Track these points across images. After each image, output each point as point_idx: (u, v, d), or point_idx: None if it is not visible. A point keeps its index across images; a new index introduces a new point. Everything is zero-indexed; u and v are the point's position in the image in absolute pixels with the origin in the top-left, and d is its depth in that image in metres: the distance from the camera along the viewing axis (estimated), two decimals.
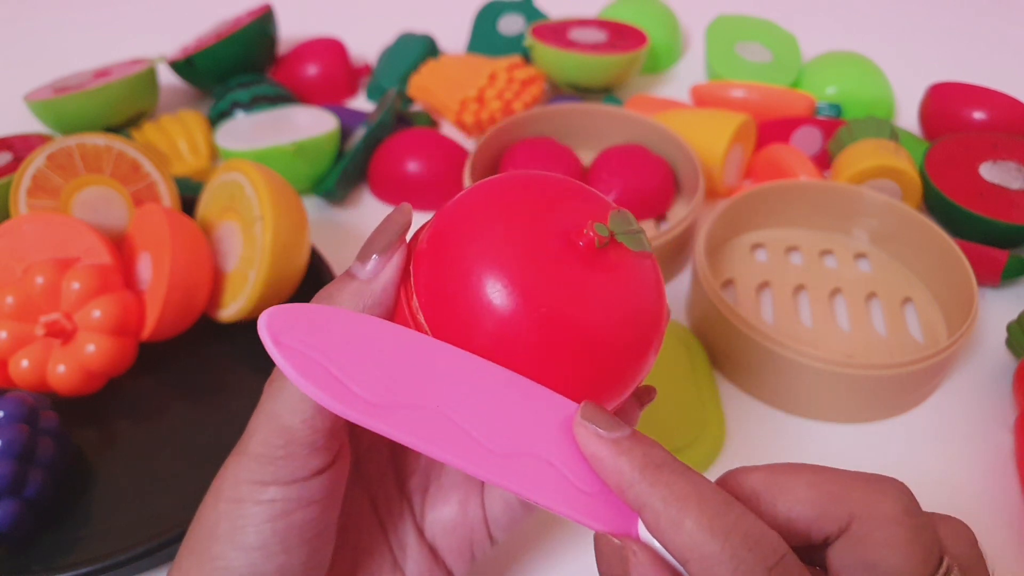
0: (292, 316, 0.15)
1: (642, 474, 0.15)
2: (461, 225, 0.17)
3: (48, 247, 0.31)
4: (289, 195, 0.33)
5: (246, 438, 0.18)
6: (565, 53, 0.46)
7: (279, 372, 0.18)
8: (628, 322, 0.17)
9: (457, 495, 0.22)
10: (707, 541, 0.14)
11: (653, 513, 0.14)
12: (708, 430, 0.30)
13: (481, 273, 0.16)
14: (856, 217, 0.38)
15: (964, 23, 0.61)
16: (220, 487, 0.18)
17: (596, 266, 0.17)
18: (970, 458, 0.30)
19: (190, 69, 0.49)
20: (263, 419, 0.17)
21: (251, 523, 0.17)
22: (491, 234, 0.16)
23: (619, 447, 0.15)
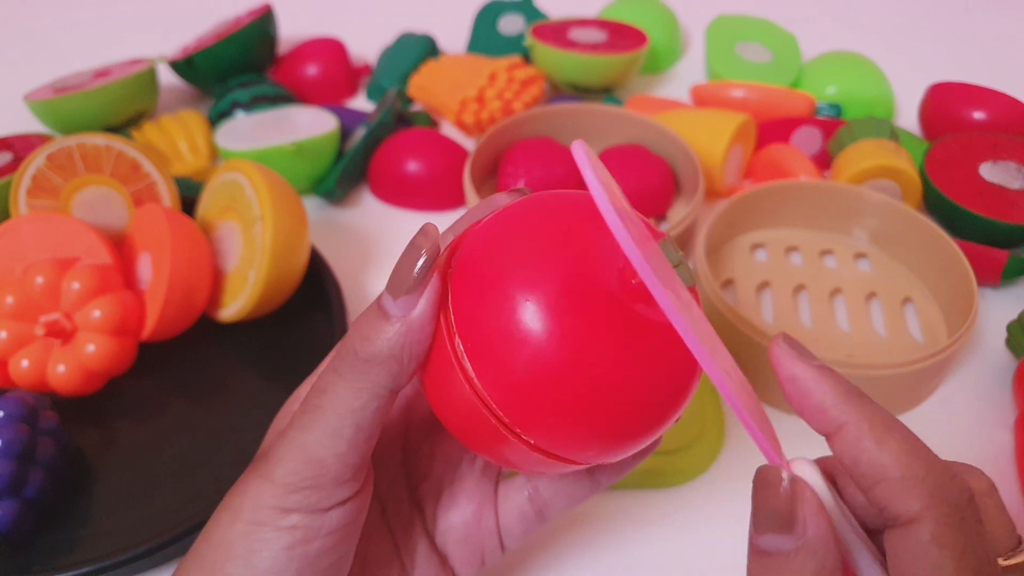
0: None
1: (847, 396, 0.15)
2: (503, 256, 0.16)
3: (48, 247, 0.31)
4: (289, 195, 0.33)
5: (271, 463, 0.17)
6: (565, 53, 0.46)
7: (321, 402, 0.17)
8: (669, 377, 0.16)
9: (471, 503, 0.21)
10: (913, 461, 0.14)
11: (856, 430, 0.15)
12: (708, 431, 0.30)
13: (528, 319, 0.15)
14: (856, 217, 0.38)
15: (964, 23, 0.61)
16: (239, 507, 0.17)
17: (646, 310, 0.16)
18: (970, 458, 0.30)
19: (190, 69, 0.49)
20: (292, 449, 0.17)
21: (268, 548, 0.17)
22: (537, 272, 0.15)
23: (822, 372, 0.15)
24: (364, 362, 0.16)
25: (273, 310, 0.33)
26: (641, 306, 0.16)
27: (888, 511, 0.14)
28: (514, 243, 0.16)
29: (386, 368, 0.16)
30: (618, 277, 0.16)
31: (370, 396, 0.16)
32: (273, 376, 0.33)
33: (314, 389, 0.17)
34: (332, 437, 0.16)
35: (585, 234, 0.16)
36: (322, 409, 0.17)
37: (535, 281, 0.15)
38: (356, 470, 0.17)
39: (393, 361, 0.16)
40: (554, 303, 0.15)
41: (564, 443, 0.16)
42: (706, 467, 0.29)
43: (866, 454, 0.15)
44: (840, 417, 0.15)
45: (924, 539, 0.14)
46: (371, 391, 0.16)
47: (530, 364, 0.15)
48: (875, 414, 0.15)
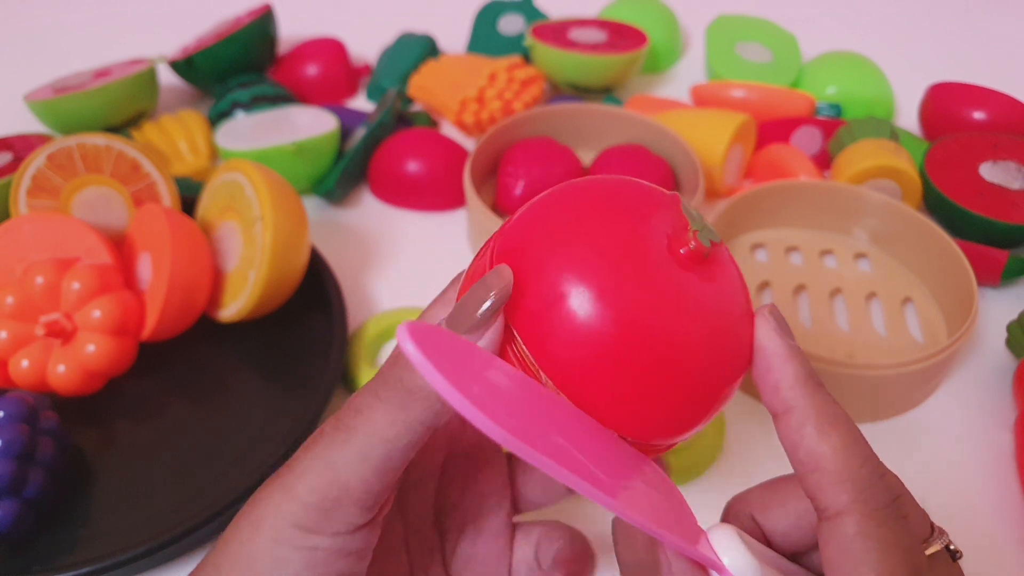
0: (428, 332, 0.14)
1: (805, 382, 0.15)
2: (548, 245, 0.16)
3: (48, 247, 0.31)
4: (289, 195, 0.33)
5: (295, 477, 0.17)
6: (565, 53, 0.46)
7: (354, 423, 0.16)
8: (728, 338, 0.16)
9: (494, 542, 0.21)
10: (849, 456, 0.15)
11: (801, 417, 0.15)
12: (708, 430, 0.30)
13: (587, 300, 0.15)
14: (856, 217, 0.38)
15: (964, 23, 0.61)
16: (260, 520, 0.17)
17: (700, 276, 0.16)
18: (970, 458, 0.30)
19: (190, 69, 0.49)
20: (320, 466, 0.16)
21: (289, 566, 0.16)
22: (588, 252, 0.15)
23: (793, 351, 0.16)
24: (408, 392, 0.16)
25: (273, 310, 0.33)
26: (695, 272, 0.16)
27: (818, 501, 0.15)
28: (551, 232, 0.16)
29: (430, 404, 0.16)
30: (668, 246, 0.16)
31: (406, 428, 0.16)
32: (273, 376, 0.33)
33: (350, 407, 0.17)
34: (360, 462, 0.16)
35: (624, 209, 0.16)
36: (355, 431, 0.16)
37: (584, 267, 0.15)
38: (378, 498, 0.17)
39: (435, 397, 0.16)
40: (608, 284, 0.15)
41: (631, 422, 0.16)
42: (706, 467, 0.29)
43: (806, 441, 0.15)
44: (790, 400, 0.15)
45: (850, 531, 0.14)
46: (408, 424, 0.16)
47: (592, 346, 0.15)
48: (824, 404, 0.15)
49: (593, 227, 0.16)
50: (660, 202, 0.17)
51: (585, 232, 0.15)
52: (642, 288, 0.15)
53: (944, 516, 0.28)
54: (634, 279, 0.15)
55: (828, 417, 0.15)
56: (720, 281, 0.16)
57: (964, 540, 0.27)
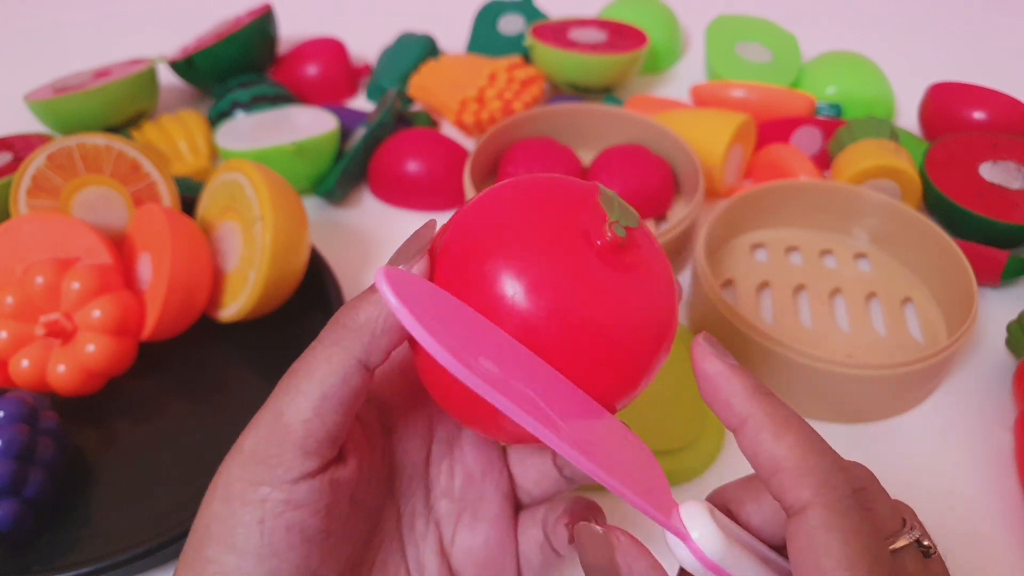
0: (403, 277, 0.16)
1: (753, 393, 0.16)
2: (478, 233, 0.17)
3: (48, 247, 0.31)
4: (289, 195, 0.33)
5: (245, 435, 0.18)
6: (565, 53, 0.46)
7: (298, 366, 0.18)
8: (646, 321, 0.17)
9: (494, 528, 0.21)
10: (806, 453, 0.15)
11: (756, 424, 0.16)
12: (708, 430, 0.30)
13: (504, 279, 0.16)
14: (856, 217, 0.38)
15: (964, 23, 0.61)
16: (215, 485, 0.18)
17: (615, 265, 0.17)
18: (970, 458, 0.30)
19: (190, 69, 0.49)
20: (264, 415, 0.17)
21: (241, 523, 0.17)
22: (510, 241, 0.17)
23: (734, 370, 0.17)
24: (341, 327, 0.17)
25: (273, 310, 0.33)
26: (610, 261, 0.17)
27: (783, 501, 0.15)
28: (486, 221, 0.17)
29: (358, 336, 0.17)
30: (583, 237, 0.17)
31: (339, 362, 0.17)
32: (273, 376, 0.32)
33: (298, 358, 0.18)
34: (299, 401, 0.17)
35: (551, 203, 0.17)
36: (296, 374, 0.17)
37: (509, 250, 0.16)
38: (320, 443, 0.17)
39: (366, 330, 0.17)
40: (528, 266, 0.16)
41: None
42: (706, 467, 0.29)
43: (764, 446, 0.16)
44: (744, 412, 0.16)
45: (814, 524, 0.15)
46: (341, 357, 0.17)
47: (511, 323, 0.16)
48: (776, 410, 0.16)
49: (520, 229, 0.17)
50: (583, 195, 0.18)
51: (512, 235, 0.17)
52: (562, 281, 0.16)
53: (943, 516, 0.28)
54: (555, 273, 0.16)
55: (781, 421, 0.16)
56: (639, 265, 0.17)
57: (963, 540, 0.27)
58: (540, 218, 0.17)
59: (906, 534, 0.16)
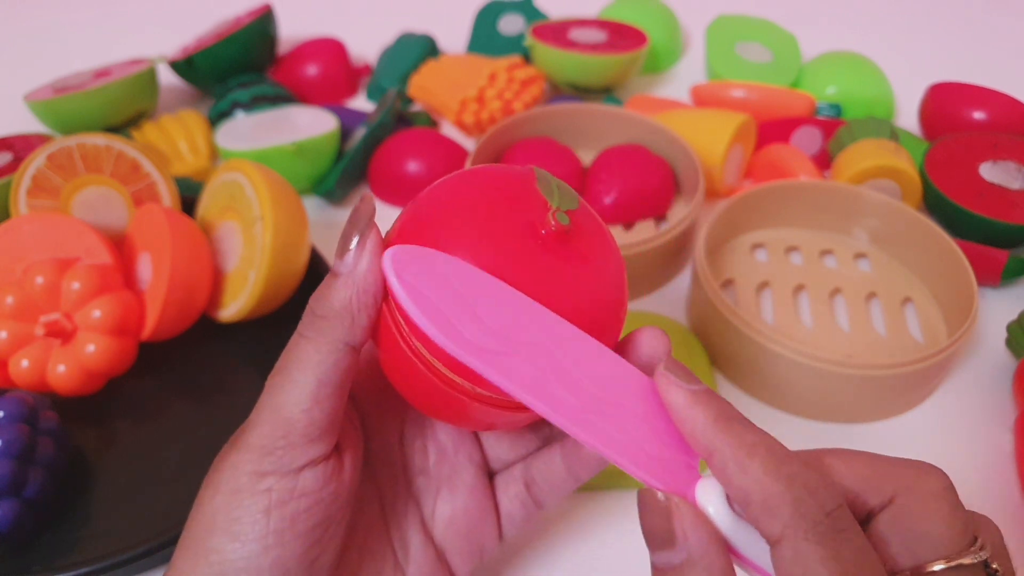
0: (410, 255, 0.17)
1: (715, 423, 0.16)
2: (431, 222, 0.18)
3: (48, 247, 0.31)
4: (289, 195, 0.33)
5: (245, 431, 0.18)
6: (565, 53, 0.46)
7: (285, 363, 0.18)
8: (597, 302, 0.18)
9: (471, 496, 0.22)
10: (772, 483, 0.15)
11: (721, 457, 0.15)
12: None
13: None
14: (856, 217, 0.38)
15: (964, 23, 0.61)
16: (218, 480, 0.18)
17: (561, 252, 0.17)
18: (970, 458, 0.30)
19: (190, 69, 0.49)
20: (266, 413, 0.18)
21: (247, 513, 0.17)
22: (460, 231, 0.17)
23: (696, 398, 0.16)
24: (320, 318, 0.18)
25: (273, 310, 0.33)
26: (553, 249, 0.17)
27: (761, 533, 0.15)
28: (441, 208, 0.18)
29: (340, 321, 0.17)
30: (528, 228, 0.17)
31: (328, 350, 0.17)
32: None
33: (282, 355, 0.18)
34: (297, 392, 0.17)
35: (501, 193, 0.18)
36: (287, 369, 0.18)
37: (459, 235, 0.17)
38: (323, 429, 0.18)
39: (345, 313, 0.17)
40: (478, 251, 0.17)
41: None
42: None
43: (732, 479, 0.15)
44: (709, 444, 0.16)
45: (787, 557, 0.14)
46: (328, 345, 0.18)
47: None
48: (740, 438, 0.16)
49: (468, 221, 0.17)
50: (523, 182, 0.18)
51: (463, 228, 0.17)
52: (511, 270, 0.17)
53: None
54: (505, 263, 0.17)
55: (745, 449, 0.15)
56: (584, 248, 0.18)
57: None
58: (485, 214, 0.17)
59: (971, 554, 0.15)
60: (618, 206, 0.39)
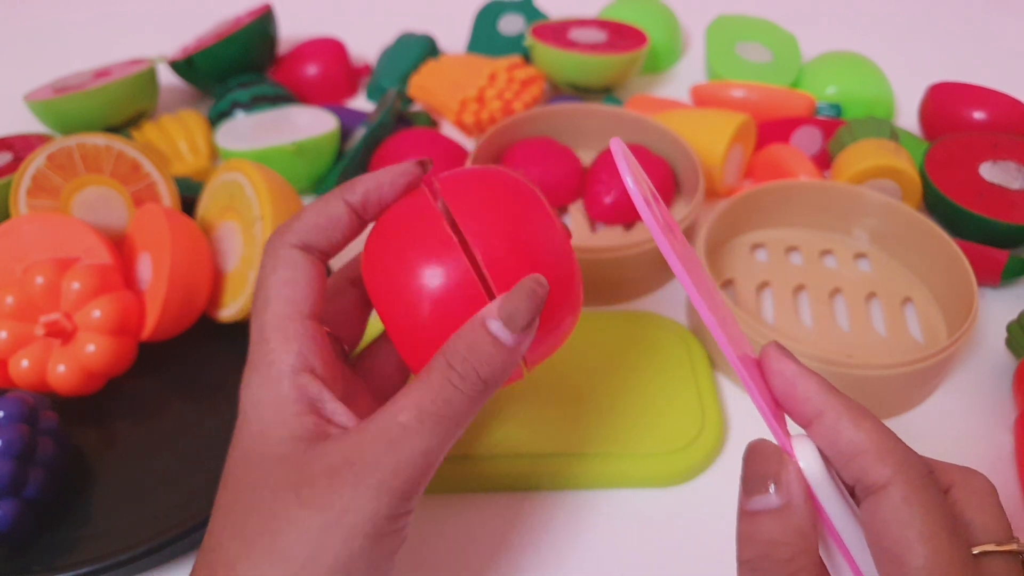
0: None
1: (827, 388, 0.18)
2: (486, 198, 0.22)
3: (48, 247, 0.31)
4: (289, 195, 0.33)
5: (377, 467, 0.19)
6: (565, 53, 0.46)
7: (431, 411, 0.19)
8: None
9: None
10: (883, 439, 0.17)
11: (835, 414, 0.17)
12: (708, 430, 0.30)
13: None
14: (856, 217, 0.38)
15: (964, 23, 0.61)
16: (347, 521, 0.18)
17: None
18: (970, 458, 0.30)
19: (190, 69, 0.49)
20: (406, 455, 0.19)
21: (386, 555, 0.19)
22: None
23: (805, 369, 0.18)
24: (484, 382, 0.19)
25: None
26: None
27: (863, 482, 0.17)
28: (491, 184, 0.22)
29: (495, 389, 0.20)
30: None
31: (472, 410, 0.19)
32: None
33: (441, 400, 0.19)
34: (446, 443, 0.19)
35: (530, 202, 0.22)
36: (440, 419, 0.19)
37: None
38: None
39: (502, 382, 0.20)
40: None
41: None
42: (706, 467, 0.29)
43: (844, 433, 0.17)
44: (821, 405, 0.18)
45: (895, 499, 0.16)
46: (477, 408, 0.20)
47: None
48: (850, 403, 0.18)
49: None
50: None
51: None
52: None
53: None
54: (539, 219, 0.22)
55: (856, 411, 0.17)
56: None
57: None
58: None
59: (1016, 543, 0.17)
60: (618, 206, 0.39)
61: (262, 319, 0.20)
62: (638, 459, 0.28)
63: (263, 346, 0.20)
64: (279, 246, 0.21)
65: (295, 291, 0.20)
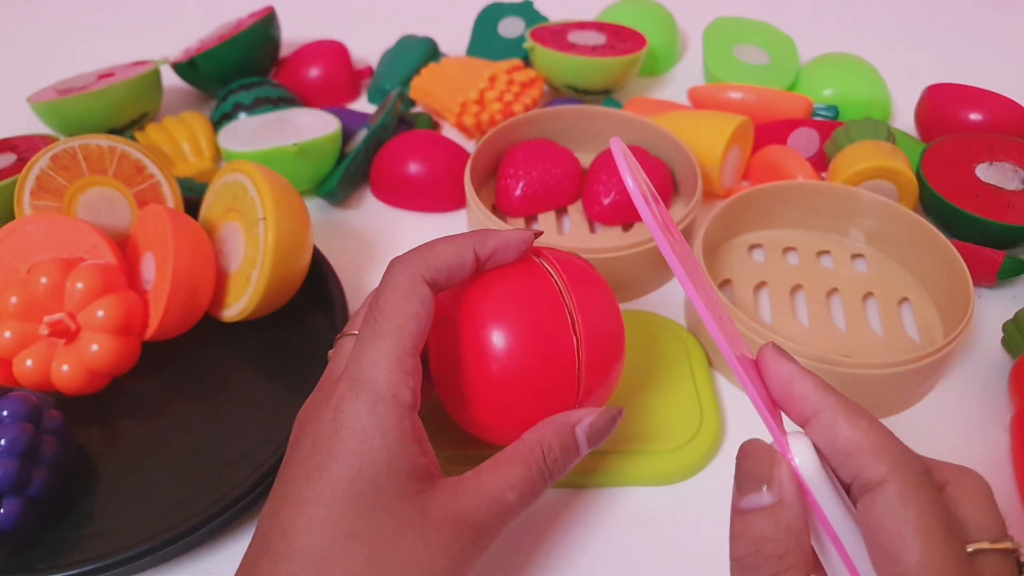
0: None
1: (824, 388, 0.18)
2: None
3: (52, 247, 0.32)
4: (291, 196, 0.33)
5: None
6: (564, 56, 0.46)
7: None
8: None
9: None
10: (879, 437, 0.17)
11: (832, 413, 0.18)
12: (706, 429, 0.30)
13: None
14: (853, 218, 0.38)
15: (960, 25, 0.62)
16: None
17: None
18: (966, 457, 0.30)
19: (193, 71, 0.49)
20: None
21: None
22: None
23: (802, 369, 0.19)
24: (556, 478, 0.22)
25: (276, 310, 0.34)
26: None
27: (860, 479, 0.17)
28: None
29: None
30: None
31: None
32: (276, 376, 0.33)
33: (535, 488, 0.21)
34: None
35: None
36: (529, 500, 0.21)
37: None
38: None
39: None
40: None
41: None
42: (704, 466, 0.30)
43: (841, 431, 0.17)
44: (818, 404, 0.18)
45: (891, 496, 0.16)
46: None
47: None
48: (847, 402, 0.18)
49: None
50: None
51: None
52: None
53: None
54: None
55: (853, 409, 0.18)
56: None
57: None
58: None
59: (1010, 541, 0.17)
60: (617, 207, 0.39)
61: (384, 343, 0.21)
62: (637, 457, 0.29)
63: (384, 373, 0.20)
64: (415, 277, 0.22)
65: (421, 329, 0.21)
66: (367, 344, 0.21)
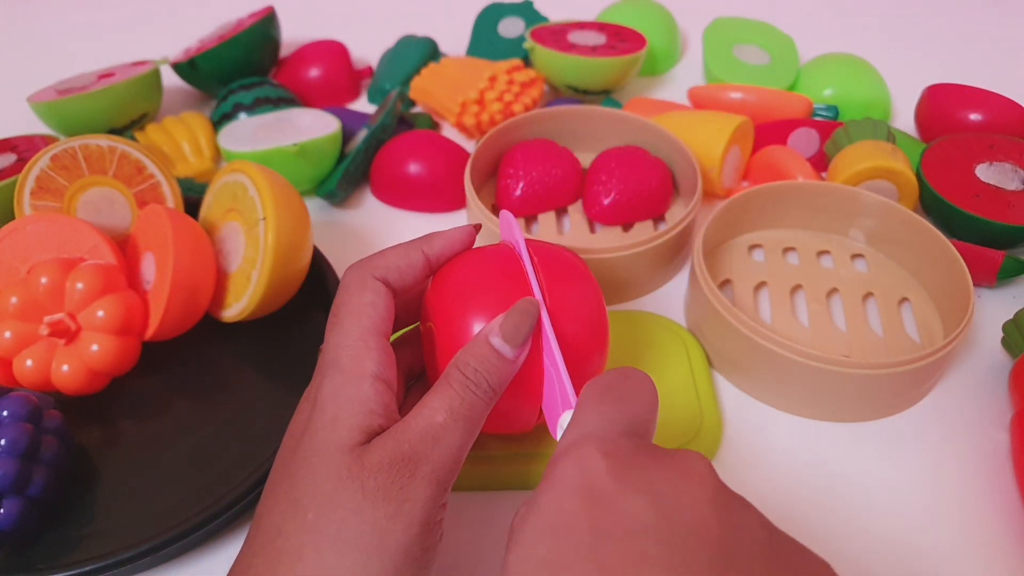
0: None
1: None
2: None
3: (52, 247, 0.32)
4: (291, 196, 0.33)
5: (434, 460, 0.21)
6: (564, 56, 0.46)
7: (458, 413, 0.22)
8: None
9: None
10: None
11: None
12: (706, 429, 0.30)
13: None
14: (853, 218, 0.38)
15: (960, 25, 0.62)
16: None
17: None
18: (966, 457, 0.30)
19: (193, 71, 0.49)
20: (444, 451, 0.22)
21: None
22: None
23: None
24: (492, 389, 0.22)
25: (276, 310, 0.34)
26: None
27: None
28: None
29: (500, 395, 0.22)
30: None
31: (486, 412, 0.22)
32: (276, 376, 0.33)
33: (466, 403, 0.21)
34: (470, 441, 0.22)
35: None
36: (466, 419, 0.21)
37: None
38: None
39: (504, 389, 0.22)
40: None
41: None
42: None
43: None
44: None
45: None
46: (489, 410, 0.22)
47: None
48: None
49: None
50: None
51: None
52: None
53: (940, 515, 0.28)
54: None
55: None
56: None
57: (960, 538, 0.28)
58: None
59: None
60: (617, 207, 0.39)
61: (344, 328, 0.22)
62: None
63: (345, 351, 0.22)
64: (364, 275, 0.23)
65: (377, 312, 0.22)
66: (330, 335, 0.22)
